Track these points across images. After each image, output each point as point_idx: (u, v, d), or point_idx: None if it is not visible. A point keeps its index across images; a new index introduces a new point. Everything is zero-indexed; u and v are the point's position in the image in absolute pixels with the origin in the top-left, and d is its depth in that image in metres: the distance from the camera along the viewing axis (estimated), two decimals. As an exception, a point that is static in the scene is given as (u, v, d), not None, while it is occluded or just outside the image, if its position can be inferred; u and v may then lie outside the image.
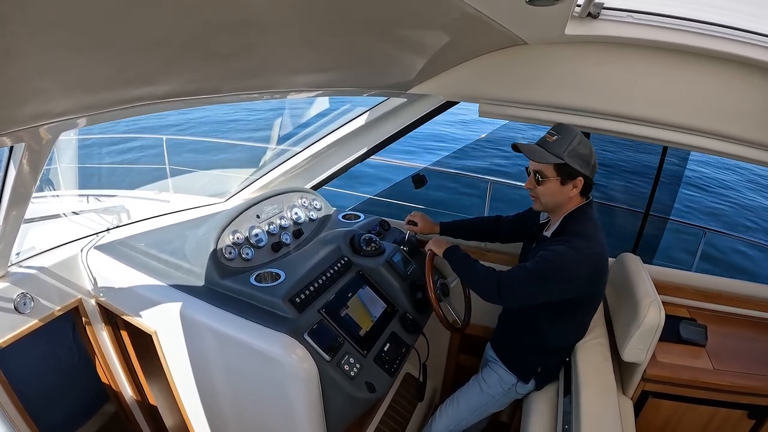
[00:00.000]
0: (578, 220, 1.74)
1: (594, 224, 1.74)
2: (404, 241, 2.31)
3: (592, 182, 1.75)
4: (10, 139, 1.08)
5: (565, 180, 1.71)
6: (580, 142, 1.68)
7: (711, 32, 1.54)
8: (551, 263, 1.63)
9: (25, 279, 1.80)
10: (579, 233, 1.68)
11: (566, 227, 1.75)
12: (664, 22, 1.56)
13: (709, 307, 2.39)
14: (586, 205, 1.78)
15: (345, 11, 0.99)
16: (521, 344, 1.98)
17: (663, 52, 1.65)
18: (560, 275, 1.63)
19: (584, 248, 1.64)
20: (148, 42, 0.79)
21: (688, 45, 1.57)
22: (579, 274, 1.64)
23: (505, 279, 1.69)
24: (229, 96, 1.36)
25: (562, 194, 1.74)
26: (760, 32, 1.49)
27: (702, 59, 1.63)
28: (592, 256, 1.65)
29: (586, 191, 1.76)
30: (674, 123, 1.78)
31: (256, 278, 1.83)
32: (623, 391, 2.04)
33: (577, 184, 1.71)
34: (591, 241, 1.67)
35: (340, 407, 1.65)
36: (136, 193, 3.01)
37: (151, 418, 2.43)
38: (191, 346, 1.82)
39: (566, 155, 1.66)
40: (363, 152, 2.68)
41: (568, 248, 1.63)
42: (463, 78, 1.96)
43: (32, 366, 2.21)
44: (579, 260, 1.63)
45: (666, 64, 1.68)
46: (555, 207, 1.80)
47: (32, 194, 1.49)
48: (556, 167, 1.70)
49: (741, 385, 1.92)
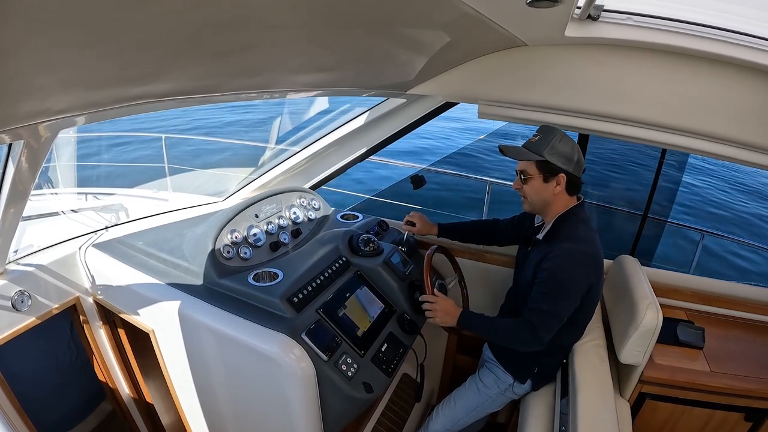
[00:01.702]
0: (570, 222, 1.78)
1: (585, 225, 1.77)
2: (402, 241, 2.31)
3: (577, 180, 1.79)
4: (9, 136, 1.08)
5: (548, 177, 1.76)
6: (560, 140, 1.73)
7: (711, 35, 1.54)
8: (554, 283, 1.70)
9: (23, 277, 1.79)
10: (570, 236, 1.73)
11: (559, 229, 1.79)
12: (664, 25, 1.57)
13: (706, 310, 2.40)
14: (578, 206, 1.82)
15: (345, 11, 0.99)
16: None
17: (663, 54, 1.66)
18: (565, 289, 1.69)
19: (575, 251, 1.68)
20: (148, 40, 0.79)
21: (689, 48, 1.57)
22: (577, 279, 1.69)
23: (539, 323, 1.70)
24: (228, 95, 1.36)
25: (546, 192, 1.78)
26: (759, 35, 1.50)
27: (702, 62, 1.64)
28: (581, 256, 1.69)
29: (572, 190, 1.80)
30: (674, 125, 1.79)
31: (254, 278, 1.83)
32: (620, 393, 2.05)
33: (560, 181, 1.75)
34: (581, 242, 1.71)
35: (338, 407, 1.65)
36: (135, 192, 3.00)
37: (148, 417, 2.43)
38: (189, 345, 1.82)
39: (546, 152, 1.72)
40: (362, 152, 2.68)
41: (559, 259, 1.69)
42: (463, 79, 1.96)
43: (29, 364, 2.20)
44: (573, 266, 1.69)
45: (666, 66, 1.68)
46: (542, 206, 1.84)
47: (31, 192, 1.49)
48: (537, 165, 1.76)
49: (738, 388, 1.93)
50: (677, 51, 1.62)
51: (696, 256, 4.42)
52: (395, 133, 2.55)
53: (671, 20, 1.55)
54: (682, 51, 1.61)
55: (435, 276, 2.22)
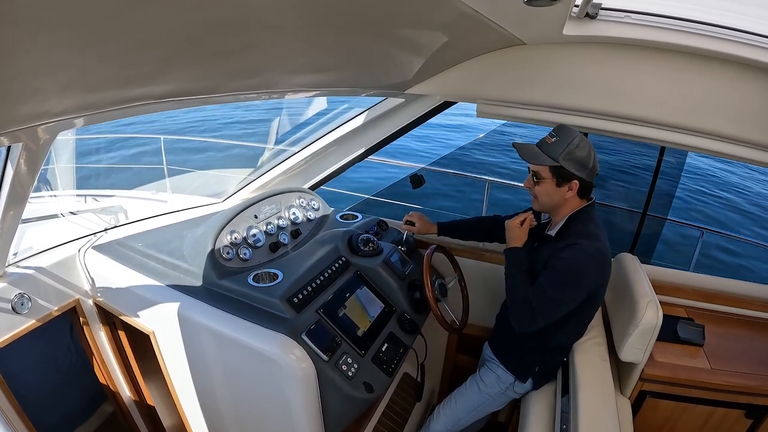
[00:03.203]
0: (582, 221, 1.76)
1: (595, 224, 1.76)
2: (402, 241, 2.31)
3: (590, 184, 1.76)
4: (8, 138, 1.08)
5: (561, 182, 1.72)
6: (578, 145, 1.67)
7: (709, 33, 1.54)
8: (567, 273, 1.67)
9: (23, 279, 1.79)
10: (583, 233, 1.71)
11: (570, 227, 1.77)
12: (662, 23, 1.57)
13: (706, 307, 2.40)
14: (589, 206, 1.80)
15: (343, 12, 0.99)
16: (521, 344, 1.97)
17: (661, 52, 1.66)
18: (576, 281, 1.67)
19: (589, 247, 1.67)
20: (147, 41, 0.79)
21: (687, 45, 1.58)
22: (590, 274, 1.68)
23: (538, 307, 1.69)
24: (227, 96, 1.36)
25: (557, 195, 1.76)
26: (758, 33, 1.50)
27: (700, 60, 1.64)
28: (596, 253, 1.68)
29: (584, 193, 1.78)
30: (672, 123, 1.79)
31: (253, 278, 1.83)
32: (621, 390, 2.05)
33: (573, 187, 1.72)
34: (595, 239, 1.70)
35: (338, 407, 1.65)
36: (134, 193, 3.00)
37: (149, 419, 2.42)
38: (189, 346, 1.82)
39: (562, 158, 1.67)
40: (361, 152, 2.68)
41: (577, 251, 1.66)
42: (461, 78, 1.96)
43: (30, 366, 2.20)
44: (589, 261, 1.67)
45: (664, 64, 1.68)
46: (552, 207, 1.82)
47: (30, 194, 1.49)
48: (551, 169, 1.72)
49: (738, 385, 1.93)
50: (676, 49, 1.62)
51: (695, 253, 4.42)
52: (394, 132, 2.55)
53: (669, 18, 1.55)
54: (681, 49, 1.61)
55: (435, 275, 2.22)
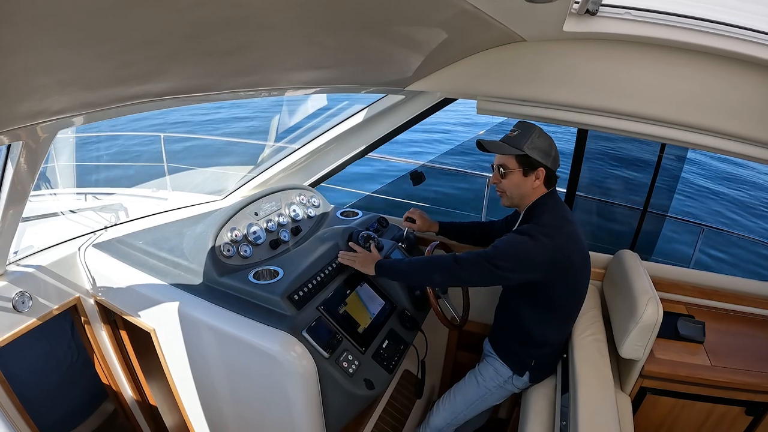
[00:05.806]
0: (538, 211, 1.81)
1: (553, 213, 1.79)
2: (402, 238, 2.31)
3: (554, 174, 1.84)
4: (7, 137, 1.08)
5: (528, 171, 1.81)
6: (539, 135, 1.79)
7: (710, 29, 1.54)
8: (502, 247, 1.71)
9: (24, 278, 1.80)
10: (536, 222, 1.76)
11: (527, 218, 1.84)
12: (662, 20, 1.56)
13: (707, 304, 2.40)
14: (546, 195, 1.85)
15: (343, 9, 0.98)
16: (509, 335, 2.02)
17: (661, 49, 1.65)
18: (511, 258, 1.70)
19: (539, 234, 1.70)
20: (146, 39, 0.79)
21: (687, 42, 1.57)
22: (532, 258, 1.69)
23: (463, 257, 1.75)
24: (226, 93, 1.36)
25: (525, 185, 1.83)
26: (759, 30, 1.49)
27: (701, 56, 1.63)
28: (545, 241, 1.69)
29: (549, 184, 1.85)
30: (673, 120, 1.78)
31: (254, 276, 1.83)
32: (621, 387, 2.05)
33: (539, 175, 1.81)
34: (548, 228, 1.72)
35: (339, 404, 1.66)
36: (134, 191, 3.00)
37: (150, 417, 2.43)
38: (190, 344, 1.82)
39: (526, 147, 1.77)
40: (361, 149, 2.67)
41: (519, 234, 1.73)
42: (461, 75, 1.95)
43: (31, 365, 2.21)
44: (531, 246, 1.69)
45: (664, 61, 1.68)
46: (521, 199, 1.88)
47: (30, 192, 1.49)
48: (517, 159, 1.80)
49: (739, 382, 1.93)
50: (676, 45, 1.61)
51: (695, 250, 4.41)
52: (394, 129, 2.55)
53: (670, 14, 1.55)
54: (682, 45, 1.60)
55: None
